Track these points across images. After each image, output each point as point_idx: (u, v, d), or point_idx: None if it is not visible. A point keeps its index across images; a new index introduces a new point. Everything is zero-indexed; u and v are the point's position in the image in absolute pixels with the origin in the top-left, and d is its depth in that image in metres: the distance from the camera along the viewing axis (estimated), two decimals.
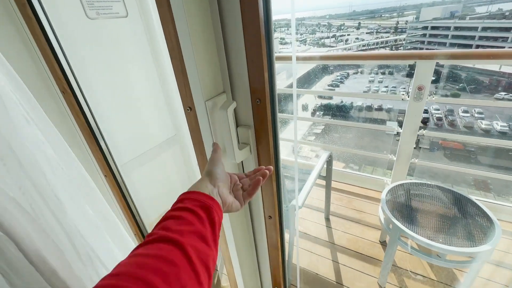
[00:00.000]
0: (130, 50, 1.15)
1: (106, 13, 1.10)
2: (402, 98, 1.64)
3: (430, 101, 1.56)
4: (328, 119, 6.05)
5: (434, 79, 1.55)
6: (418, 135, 1.68)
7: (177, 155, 1.50)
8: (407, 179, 1.81)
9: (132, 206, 1.06)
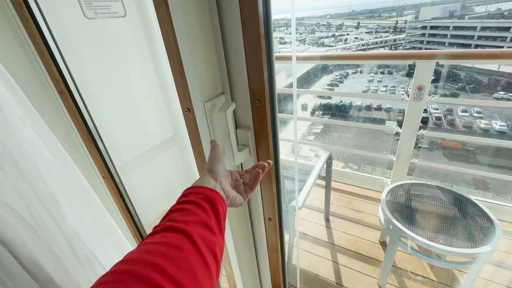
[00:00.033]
0: (128, 50, 1.14)
1: (104, 12, 1.08)
2: (402, 98, 1.63)
3: (430, 101, 1.56)
4: (327, 119, 6.05)
5: (433, 79, 1.54)
6: (418, 135, 1.67)
7: (176, 156, 1.49)
8: (407, 179, 1.81)
9: (130, 208, 1.05)
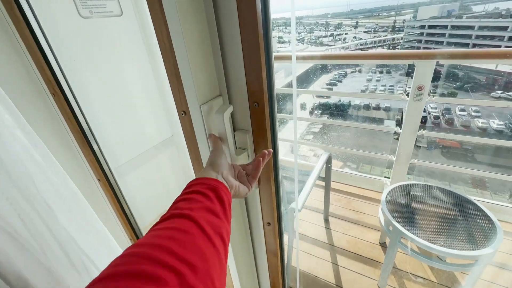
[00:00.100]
0: (125, 49, 1.12)
1: (100, 11, 1.06)
2: (402, 98, 1.62)
3: (430, 101, 1.54)
4: (326, 119, 6.05)
5: (432, 78, 1.54)
6: (417, 135, 1.66)
7: (174, 157, 1.48)
8: (407, 179, 1.80)
9: (127, 210, 1.03)
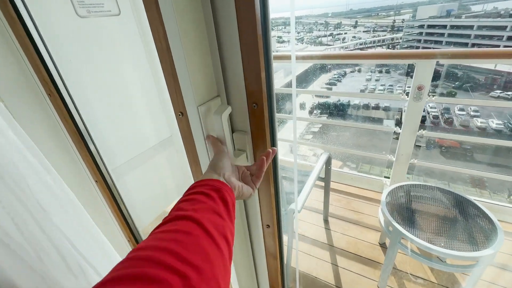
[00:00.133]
0: (123, 49, 1.11)
1: (98, 11, 1.05)
2: (402, 98, 1.61)
3: (430, 101, 1.54)
4: (325, 119, 6.04)
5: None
6: (417, 135, 1.65)
7: (172, 157, 1.46)
8: (407, 180, 1.79)
9: (125, 212, 1.02)
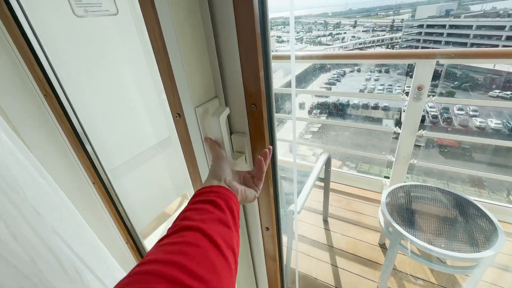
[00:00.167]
0: (120, 49, 1.09)
1: (95, 10, 1.04)
2: (402, 98, 1.60)
3: (430, 101, 1.53)
4: (324, 119, 6.03)
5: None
6: (417, 135, 1.65)
7: (172, 158, 1.45)
8: (407, 180, 1.78)
9: (123, 214, 1.01)
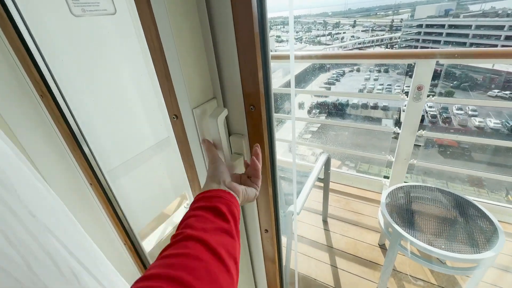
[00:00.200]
0: (118, 48, 1.08)
1: (93, 10, 1.03)
2: (401, 98, 1.60)
3: (429, 101, 1.52)
4: (324, 119, 6.03)
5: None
6: (417, 135, 1.64)
7: (170, 158, 1.44)
8: (406, 180, 1.78)
9: (120, 215, 1.00)
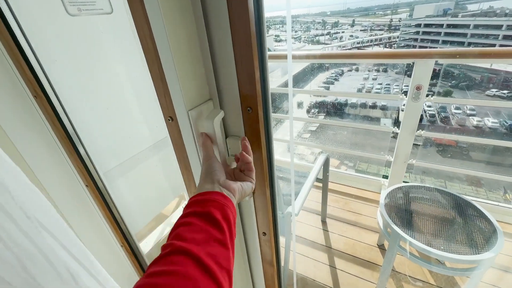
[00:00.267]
0: (115, 48, 1.07)
1: (89, 9, 1.01)
2: (400, 98, 1.59)
3: (428, 100, 1.52)
4: (323, 119, 6.03)
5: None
6: (415, 135, 1.64)
7: (169, 159, 1.43)
8: (405, 180, 1.77)
9: (117, 217, 0.99)
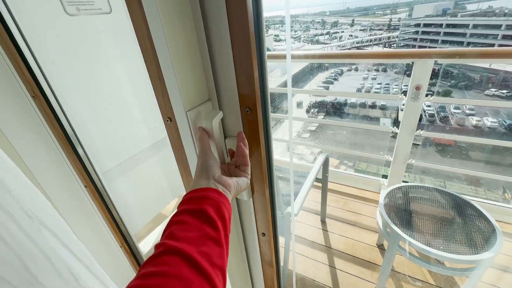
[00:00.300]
0: (113, 48, 1.07)
1: (88, 9, 1.01)
2: (400, 98, 1.59)
3: (428, 100, 1.52)
4: (322, 119, 6.03)
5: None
6: (415, 135, 1.64)
7: (168, 159, 1.43)
8: (405, 179, 1.77)
9: (116, 217, 0.99)
